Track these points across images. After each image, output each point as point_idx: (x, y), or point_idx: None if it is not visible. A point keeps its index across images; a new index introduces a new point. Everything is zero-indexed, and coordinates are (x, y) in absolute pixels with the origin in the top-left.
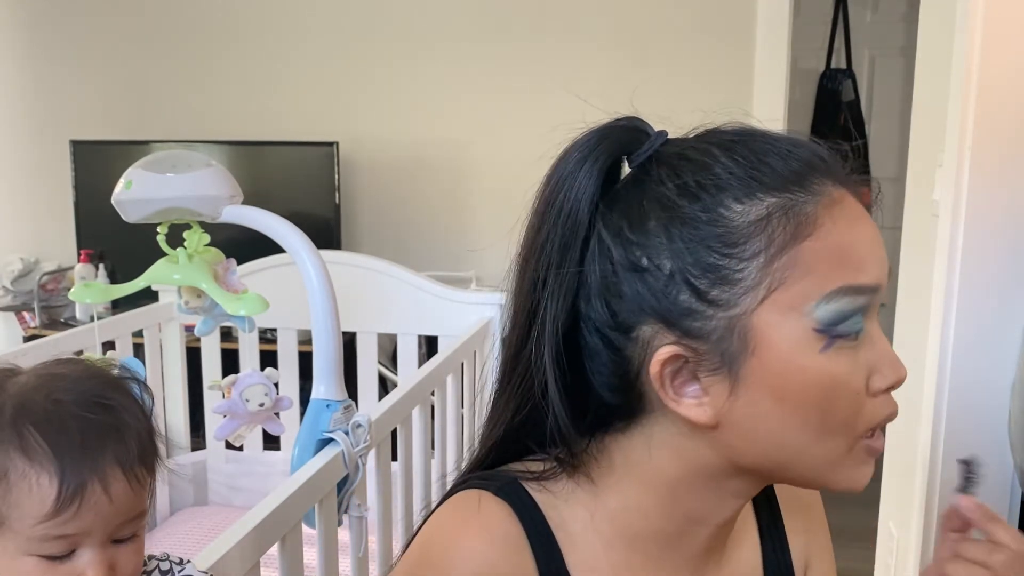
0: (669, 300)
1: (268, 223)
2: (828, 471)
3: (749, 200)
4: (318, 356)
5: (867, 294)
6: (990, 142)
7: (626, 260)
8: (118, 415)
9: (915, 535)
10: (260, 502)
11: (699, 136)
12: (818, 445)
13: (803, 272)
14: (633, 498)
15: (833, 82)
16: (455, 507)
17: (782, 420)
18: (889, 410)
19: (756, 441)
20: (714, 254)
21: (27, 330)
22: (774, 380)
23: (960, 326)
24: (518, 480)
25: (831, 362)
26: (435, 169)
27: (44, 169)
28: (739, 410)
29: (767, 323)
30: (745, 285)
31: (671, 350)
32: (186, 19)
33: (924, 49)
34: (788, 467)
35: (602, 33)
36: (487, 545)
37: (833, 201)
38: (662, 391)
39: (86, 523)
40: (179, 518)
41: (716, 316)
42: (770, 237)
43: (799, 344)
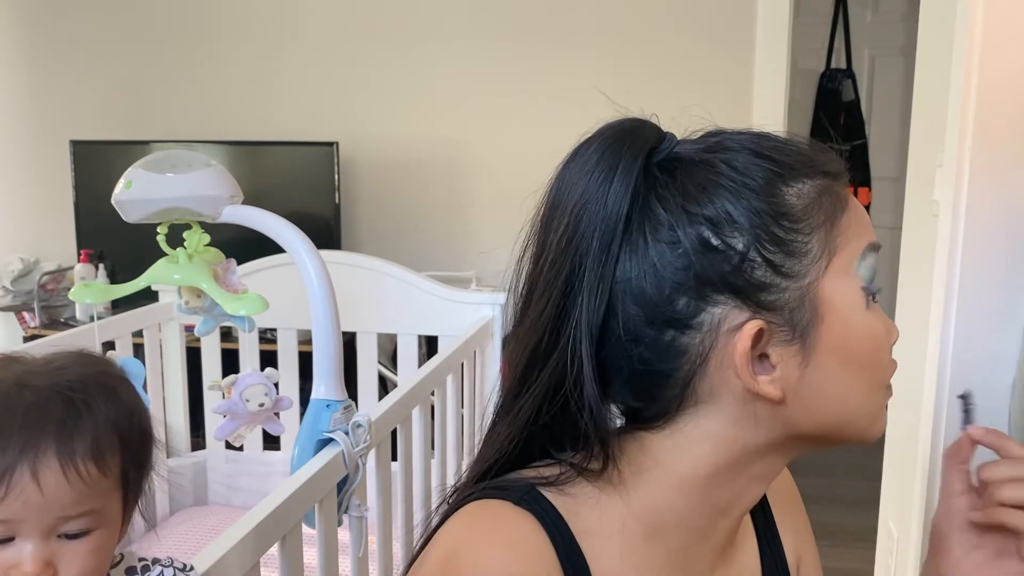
0: (745, 276)
1: (268, 223)
2: (871, 423)
3: (796, 183)
4: (318, 356)
5: (878, 251)
6: (990, 142)
7: (695, 242)
8: (76, 408)
9: (915, 535)
10: (260, 502)
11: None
12: (870, 399)
13: (847, 238)
14: (661, 496)
15: (833, 82)
16: (477, 520)
17: (846, 380)
18: (895, 362)
19: (822, 406)
20: (782, 229)
21: (27, 330)
22: (839, 343)
23: (960, 326)
24: (536, 488)
25: (874, 318)
26: (435, 169)
27: (44, 169)
28: (808, 378)
29: (832, 288)
30: (813, 256)
31: (757, 324)
32: (186, 19)
33: (924, 49)
34: (844, 426)
35: (602, 33)
36: (517, 562)
37: (844, 181)
38: (743, 369)
39: (15, 510)
40: (179, 518)
41: (790, 288)
42: (826, 212)
43: (854, 304)
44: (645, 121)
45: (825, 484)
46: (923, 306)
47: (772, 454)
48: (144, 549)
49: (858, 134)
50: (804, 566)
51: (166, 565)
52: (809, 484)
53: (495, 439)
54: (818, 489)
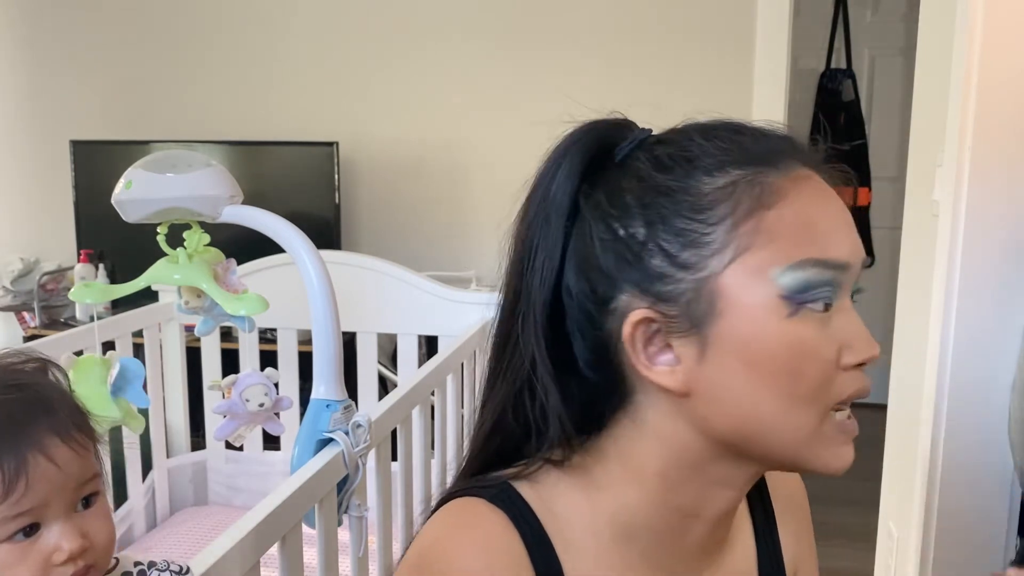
0: (642, 265)
1: (268, 223)
2: (803, 447)
3: (719, 172)
4: (318, 356)
5: (835, 269)
6: (990, 142)
7: (604, 232)
8: (38, 390)
9: (915, 535)
10: (260, 502)
11: (681, 125)
12: (789, 415)
13: (768, 239)
14: (627, 493)
15: (833, 82)
16: (450, 519)
17: (752, 386)
18: (859, 385)
19: (727, 409)
20: (683, 219)
21: (27, 330)
22: (742, 343)
23: (960, 326)
24: (511, 485)
25: (799, 327)
26: (435, 169)
27: (44, 169)
28: (708, 376)
29: (734, 285)
30: (712, 248)
31: (641, 313)
32: (186, 19)
33: (924, 49)
34: (761, 440)
35: (602, 33)
36: (485, 561)
37: (800, 177)
38: (635, 356)
39: (40, 495)
40: (179, 518)
41: (685, 279)
42: (736, 203)
43: (766, 308)
44: (611, 119)
45: (825, 484)
46: (923, 306)
47: (723, 459)
48: (144, 549)
49: (858, 134)
50: (803, 573)
51: (162, 569)
52: (809, 484)
53: (477, 427)
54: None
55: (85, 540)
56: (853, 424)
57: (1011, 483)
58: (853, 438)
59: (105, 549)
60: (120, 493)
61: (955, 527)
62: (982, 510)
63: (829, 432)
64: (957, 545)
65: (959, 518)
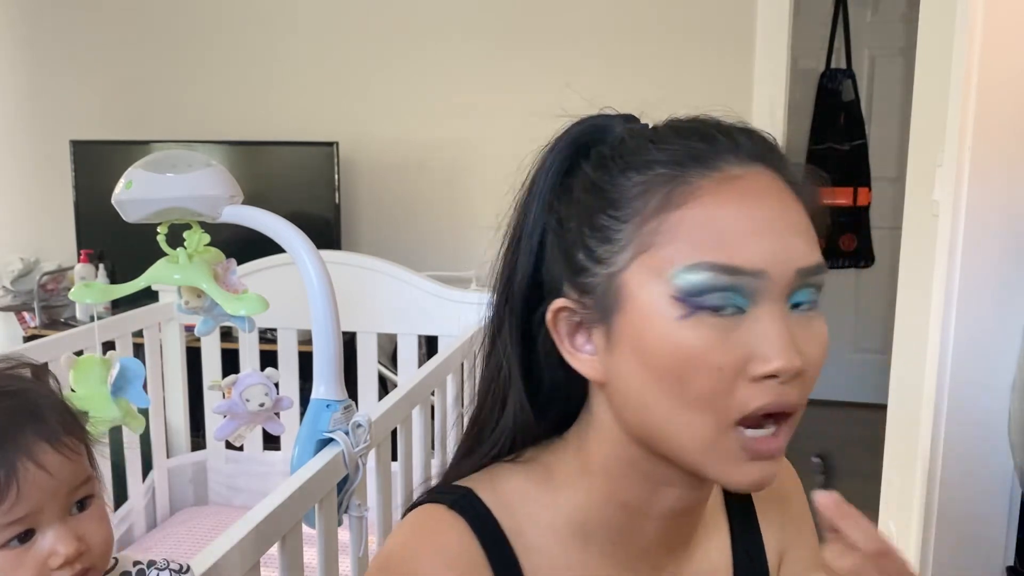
0: (572, 258)
1: (268, 223)
2: (700, 455)
3: (644, 171)
4: (318, 356)
5: (736, 275)
6: (990, 142)
7: (555, 226)
8: (26, 397)
9: (915, 535)
10: (260, 502)
11: (662, 123)
12: (681, 418)
13: (670, 239)
14: (581, 490)
15: (833, 82)
16: (411, 526)
17: (645, 382)
18: (765, 400)
19: (630, 404)
20: (604, 216)
21: (27, 330)
22: (636, 339)
23: (960, 326)
24: (472, 491)
25: (687, 331)
26: (435, 169)
27: (44, 169)
28: (615, 368)
29: (635, 282)
30: (620, 244)
31: (561, 302)
32: (186, 19)
33: (924, 49)
34: (661, 439)
35: (602, 33)
36: (444, 567)
37: (727, 178)
38: (559, 343)
39: (33, 501)
40: (179, 518)
41: (600, 273)
42: (646, 201)
43: (659, 308)
44: (602, 116)
45: (825, 484)
46: (923, 306)
47: (651, 455)
48: (144, 549)
49: (858, 134)
50: (787, 561)
51: (162, 568)
52: (809, 484)
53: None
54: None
55: (81, 543)
56: (766, 445)
57: (1011, 483)
58: (772, 457)
59: (102, 551)
60: (120, 493)
61: (955, 527)
62: (982, 510)
63: (730, 447)
64: (957, 545)
65: (959, 518)
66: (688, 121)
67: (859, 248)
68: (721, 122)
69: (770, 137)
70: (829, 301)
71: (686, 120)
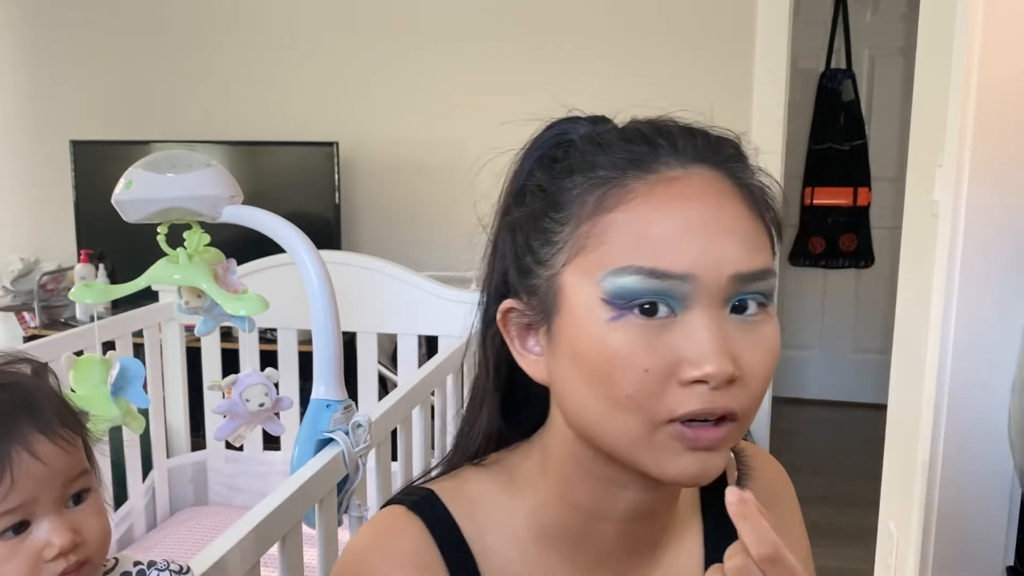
0: (520, 260)
1: (268, 223)
2: (634, 450)
3: (586, 174)
4: (318, 356)
5: (665, 279)
6: (990, 142)
7: (508, 230)
8: (22, 389)
9: (915, 535)
10: (260, 502)
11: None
12: (612, 417)
13: (601, 241)
14: (540, 492)
15: (833, 82)
16: (370, 527)
17: (579, 383)
18: (695, 406)
19: (569, 403)
20: (546, 218)
21: (27, 330)
22: (571, 340)
23: (960, 326)
24: (434, 492)
25: (616, 334)
26: (435, 169)
27: (44, 169)
28: (556, 369)
29: (570, 285)
30: (559, 246)
31: (509, 303)
32: (186, 19)
33: (924, 49)
34: (597, 437)
35: (602, 33)
36: (396, 565)
37: (663, 180)
38: (509, 343)
39: (27, 491)
40: (179, 518)
41: (542, 275)
42: (583, 203)
43: (589, 309)
44: (570, 118)
45: (825, 484)
46: (923, 306)
47: (598, 455)
48: (144, 549)
49: (858, 134)
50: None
51: (162, 568)
52: (809, 484)
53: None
54: (818, 489)
55: (76, 536)
56: (700, 434)
57: (1011, 483)
58: (712, 448)
59: (98, 545)
60: (120, 493)
61: (955, 527)
62: (982, 510)
63: (664, 440)
64: (957, 545)
65: (959, 518)
66: (642, 123)
67: (859, 248)
68: (671, 124)
69: (731, 136)
70: (829, 301)
71: (641, 122)
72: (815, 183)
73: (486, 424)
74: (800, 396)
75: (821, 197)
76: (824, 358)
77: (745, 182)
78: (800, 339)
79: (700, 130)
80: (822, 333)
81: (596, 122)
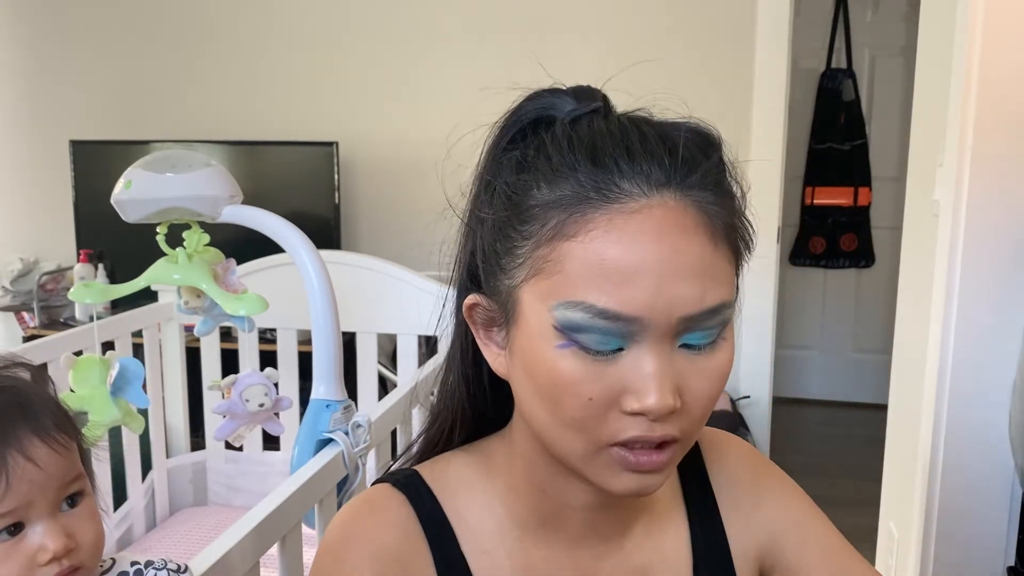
0: (487, 259)
1: (268, 223)
2: (578, 463)
3: (552, 186)
4: (318, 356)
5: (614, 320)
6: (990, 142)
7: (477, 221)
8: (18, 393)
9: (915, 535)
10: (260, 502)
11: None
12: (560, 432)
13: (557, 269)
14: (511, 475)
15: (833, 82)
16: (357, 499)
17: (530, 394)
18: (636, 433)
19: (521, 406)
20: (511, 227)
21: (27, 330)
22: (524, 355)
23: (960, 326)
24: (417, 472)
25: (564, 361)
26: (435, 169)
27: (44, 169)
28: (512, 370)
29: (526, 302)
30: (519, 261)
31: (474, 298)
32: (186, 19)
33: (924, 49)
34: (548, 445)
35: (602, 33)
36: (380, 531)
37: (624, 212)
38: (475, 332)
39: (22, 495)
40: (179, 518)
41: (504, 282)
42: (543, 224)
43: (542, 331)
44: (549, 94)
45: (825, 484)
46: (923, 306)
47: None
48: (144, 550)
49: (858, 134)
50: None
51: (159, 568)
52: (809, 484)
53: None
54: (818, 489)
55: (70, 540)
56: (641, 459)
57: (1011, 483)
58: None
59: (92, 550)
60: (120, 493)
61: (955, 527)
62: (982, 510)
63: (606, 460)
64: (957, 545)
65: (959, 518)
66: (616, 124)
67: (859, 248)
68: (644, 133)
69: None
70: (829, 301)
71: (617, 121)
72: (815, 183)
73: (453, 408)
74: (800, 396)
75: (821, 197)
76: (824, 358)
77: (710, 209)
78: (800, 339)
79: (672, 143)
80: (822, 333)
81: (579, 98)
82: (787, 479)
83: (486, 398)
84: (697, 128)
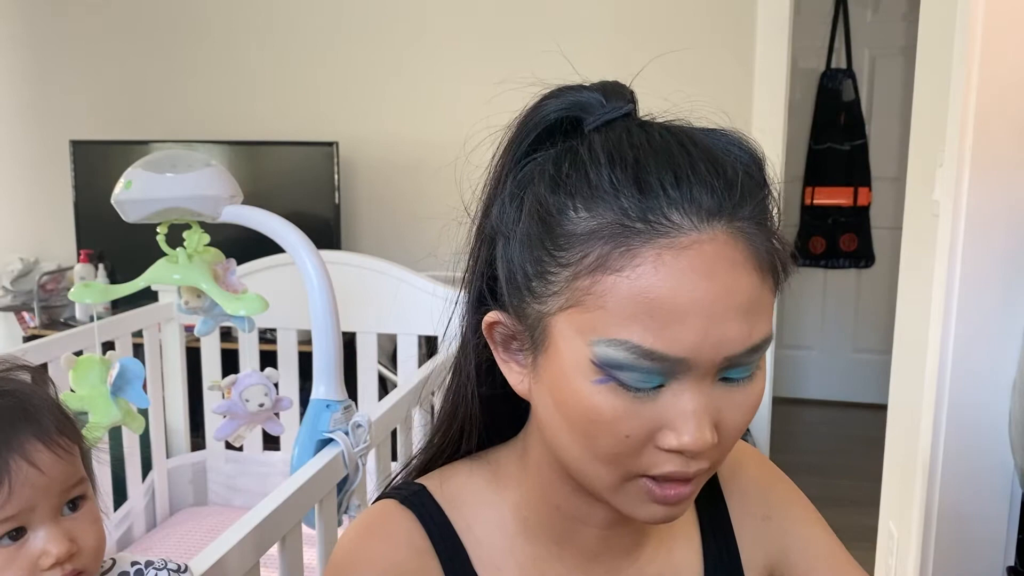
0: (512, 277)
1: (268, 223)
2: (606, 493)
3: (591, 211)
4: (318, 356)
5: (658, 360)
6: (990, 142)
7: (502, 233)
8: (21, 397)
9: (915, 535)
10: (260, 502)
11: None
12: (589, 464)
13: (599, 304)
14: (522, 488)
15: (833, 82)
16: (364, 517)
17: (559, 425)
18: (670, 468)
19: (546, 434)
20: (544, 250)
21: (27, 330)
22: (555, 385)
23: (960, 326)
24: (424, 487)
25: (600, 396)
26: (435, 169)
27: (44, 169)
28: (537, 396)
29: (559, 332)
30: (554, 288)
31: (495, 316)
32: (186, 19)
33: (924, 49)
34: (572, 473)
35: (602, 33)
36: (391, 549)
37: (673, 247)
38: (494, 348)
39: (25, 499)
40: (179, 518)
41: (532, 305)
42: (584, 254)
43: (578, 366)
44: (577, 92)
45: (825, 484)
46: (923, 306)
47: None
48: (144, 550)
49: (858, 134)
50: (802, 559)
51: (159, 568)
52: (809, 484)
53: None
54: (818, 489)
55: (73, 544)
56: (668, 492)
57: (1011, 483)
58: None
59: (94, 554)
60: (120, 493)
61: (955, 527)
62: (982, 510)
63: (635, 491)
64: (957, 545)
65: (959, 518)
66: (658, 137)
67: (859, 248)
68: (691, 154)
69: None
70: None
71: (659, 134)
72: (815, 183)
73: (462, 417)
74: (800, 396)
75: (821, 197)
76: (824, 358)
77: (757, 240)
78: (800, 339)
79: (721, 167)
80: (822, 333)
81: (608, 96)
82: (795, 489)
83: (500, 410)
84: (748, 148)
